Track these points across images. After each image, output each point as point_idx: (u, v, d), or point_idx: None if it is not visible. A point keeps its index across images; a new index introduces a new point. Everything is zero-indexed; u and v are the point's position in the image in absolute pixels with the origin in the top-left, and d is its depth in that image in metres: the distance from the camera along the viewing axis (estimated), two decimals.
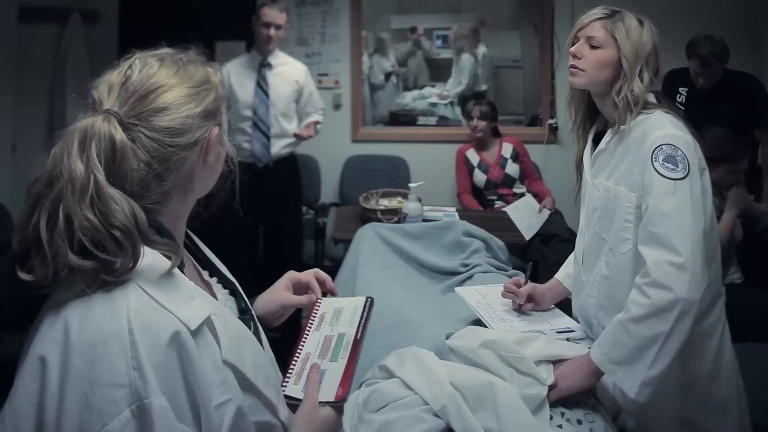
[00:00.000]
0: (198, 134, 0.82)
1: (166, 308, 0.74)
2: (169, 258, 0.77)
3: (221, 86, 0.90)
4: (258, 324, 1.02)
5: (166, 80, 0.81)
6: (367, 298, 1.09)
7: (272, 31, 3.01)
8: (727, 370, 1.45)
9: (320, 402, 0.91)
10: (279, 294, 1.14)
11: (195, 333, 0.75)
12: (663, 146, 1.33)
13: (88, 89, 0.82)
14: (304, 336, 1.04)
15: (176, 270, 0.79)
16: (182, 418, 0.71)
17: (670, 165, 1.31)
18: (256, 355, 0.88)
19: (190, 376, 0.73)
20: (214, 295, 0.94)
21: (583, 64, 1.45)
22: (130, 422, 0.68)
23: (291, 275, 1.16)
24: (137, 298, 0.72)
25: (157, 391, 0.69)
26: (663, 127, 1.35)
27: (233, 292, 1.01)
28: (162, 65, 0.83)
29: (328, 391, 0.92)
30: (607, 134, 1.47)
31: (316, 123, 3.18)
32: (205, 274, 1.00)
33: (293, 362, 0.99)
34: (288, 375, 0.96)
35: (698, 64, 2.87)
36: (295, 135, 3.11)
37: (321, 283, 1.16)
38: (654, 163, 1.32)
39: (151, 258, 0.76)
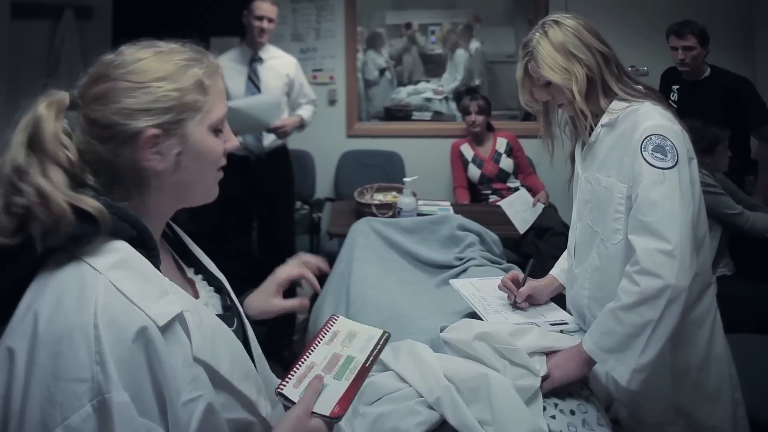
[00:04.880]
0: (127, 131, 0.79)
1: (135, 304, 0.74)
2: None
3: (199, 91, 0.84)
4: (245, 320, 1.02)
5: (112, 71, 0.81)
6: (384, 332, 1.08)
7: (265, 24, 3.02)
8: (718, 360, 1.46)
9: (313, 412, 0.90)
10: (268, 302, 1.13)
11: (164, 329, 0.75)
12: (652, 136, 1.34)
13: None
14: (314, 345, 1.03)
15: (150, 265, 0.79)
16: (147, 414, 0.72)
17: (659, 154, 1.33)
18: (233, 353, 0.88)
19: (157, 371, 0.73)
20: (196, 292, 0.94)
21: None
22: (91, 416, 0.68)
23: (281, 278, 1.14)
24: (106, 293, 0.73)
25: (119, 386, 0.69)
26: (652, 118, 1.37)
27: (219, 289, 1.00)
28: (137, 51, 0.84)
29: (325, 404, 0.92)
30: (596, 127, 1.48)
31: (299, 119, 3.19)
32: (190, 271, 0.99)
33: (297, 366, 0.99)
34: (289, 377, 0.97)
35: (674, 38, 2.99)
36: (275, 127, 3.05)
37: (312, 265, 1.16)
38: (643, 152, 1.34)
39: (124, 253, 0.76)
